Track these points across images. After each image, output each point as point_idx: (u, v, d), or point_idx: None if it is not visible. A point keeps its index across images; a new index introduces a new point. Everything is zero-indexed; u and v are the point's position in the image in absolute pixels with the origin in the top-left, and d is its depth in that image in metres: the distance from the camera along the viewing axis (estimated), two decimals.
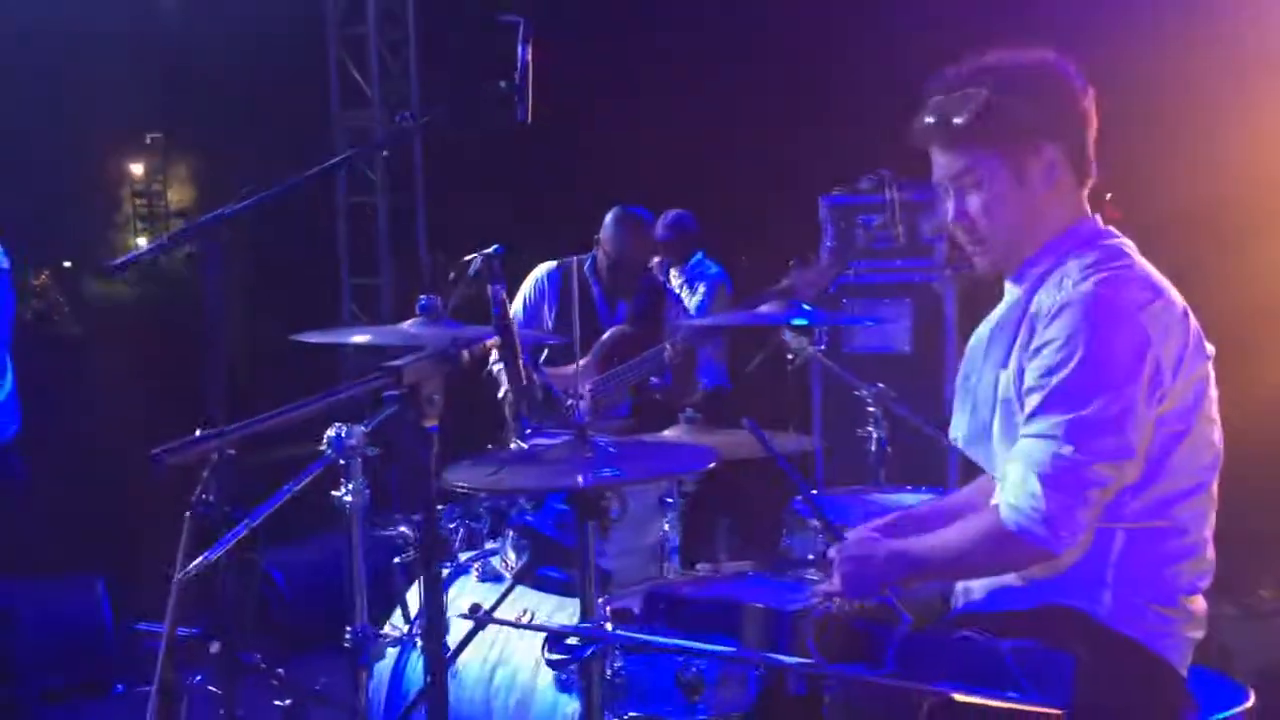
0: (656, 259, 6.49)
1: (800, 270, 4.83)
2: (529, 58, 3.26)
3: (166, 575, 2.74)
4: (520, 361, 2.61)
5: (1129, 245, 2.52)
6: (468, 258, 4.76)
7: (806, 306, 4.21)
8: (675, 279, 6.76)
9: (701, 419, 3.94)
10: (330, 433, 2.96)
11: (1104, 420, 2.28)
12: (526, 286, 5.49)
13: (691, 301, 6.60)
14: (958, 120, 2.47)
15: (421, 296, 3.28)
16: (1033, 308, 2.46)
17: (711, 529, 4.39)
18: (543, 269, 5.49)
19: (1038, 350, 2.38)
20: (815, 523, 3.78)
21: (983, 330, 2.66)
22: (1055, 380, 2.33)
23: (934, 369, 6.00)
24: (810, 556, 3.43)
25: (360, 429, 2.98)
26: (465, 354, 2.47)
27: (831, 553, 2.57)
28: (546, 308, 5.42)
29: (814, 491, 3.68)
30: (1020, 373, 2.42)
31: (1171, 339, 2.36)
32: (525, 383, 2.62)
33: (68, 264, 4.42)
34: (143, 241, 23.77)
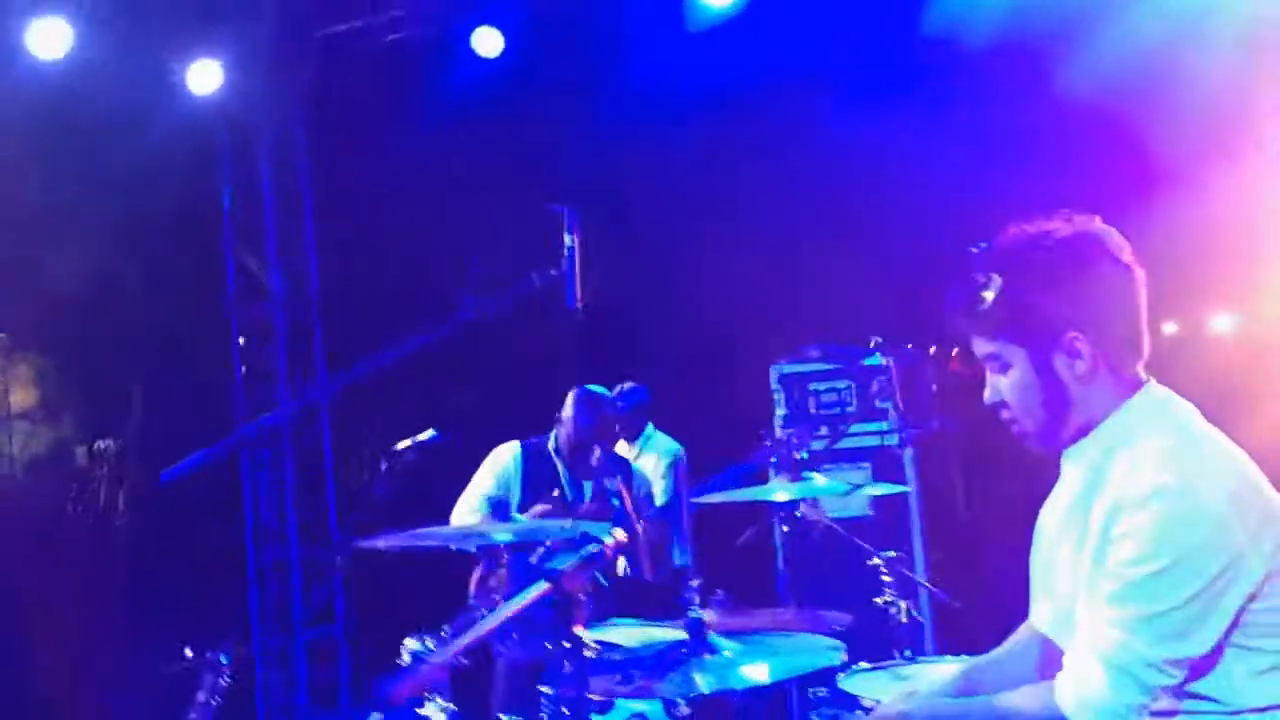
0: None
1: (777, 444, 4.82)
2: (576, 245, 3.23)
3: None
4: (645, 553, 2.51)
5: (1195, 414, 2.44)
6: (401, 445, 4.61)
7: (819, 480, 4.20)
8: (628, 451, 6.52)
9: (732, 600, 3.82)
10: (413, 645, 2.77)
11: (1181, 618, 2.22)
12: (487, 473, 5.32)
13: (656, 478, 6.37)
14: (977, 308, 2.40)
15: None
16: (1112, 493, 2.34)
17: None
18: (506, 452, 5.35)
19: (1121, 537, 2.29)
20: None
21: (1050, 515, 2.58)
22: (1135, 573, 2.25)
23: (898, 531, 6.03)
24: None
25: (445, 639, 2.79)
26: (607, 550, 2.38)
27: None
28: (513, 491, 5.28)
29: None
30: (1103, 562, 2.34)
31: (1255, 521, 2.28)
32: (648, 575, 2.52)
33: None
34: None
